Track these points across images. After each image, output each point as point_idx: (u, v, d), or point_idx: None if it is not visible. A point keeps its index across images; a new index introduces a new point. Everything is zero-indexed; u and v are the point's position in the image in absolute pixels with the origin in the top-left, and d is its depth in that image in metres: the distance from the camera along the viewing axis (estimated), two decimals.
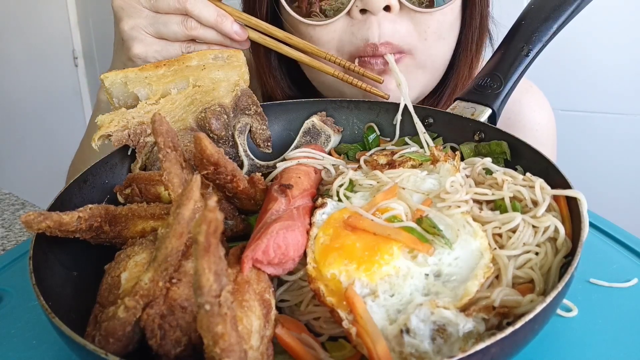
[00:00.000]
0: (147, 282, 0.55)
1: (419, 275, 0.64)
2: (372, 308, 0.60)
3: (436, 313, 0.57)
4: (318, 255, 0.67)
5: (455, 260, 0.65)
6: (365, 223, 0.68)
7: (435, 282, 0.63)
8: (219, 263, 0.45)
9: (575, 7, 1.01)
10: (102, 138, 0.85)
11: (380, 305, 0.61)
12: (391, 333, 0.58)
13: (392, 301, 0.62)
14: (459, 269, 0.64)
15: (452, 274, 0.64)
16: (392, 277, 0.63)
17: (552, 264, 0.64)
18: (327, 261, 0.65)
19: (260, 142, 0.97)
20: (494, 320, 0.58)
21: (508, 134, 0.85)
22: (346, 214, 0.71)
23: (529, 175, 0.75)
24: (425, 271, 0.64)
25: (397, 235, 0.65)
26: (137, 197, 0.79)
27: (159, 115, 0.71)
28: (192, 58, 0.95)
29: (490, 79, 0.97)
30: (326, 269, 0.64)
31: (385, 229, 0.66)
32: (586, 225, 0.64)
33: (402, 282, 0.63)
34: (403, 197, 0.73)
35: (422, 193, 0.74)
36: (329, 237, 0.68)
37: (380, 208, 0.70)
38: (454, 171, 0.77)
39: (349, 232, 0.67)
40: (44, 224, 0.65)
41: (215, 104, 0.91)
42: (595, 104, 2.05)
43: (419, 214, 0.69)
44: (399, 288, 0.62)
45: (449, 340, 0.57)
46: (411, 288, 0.63)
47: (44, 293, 0.59)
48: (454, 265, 0.65)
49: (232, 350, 0.46)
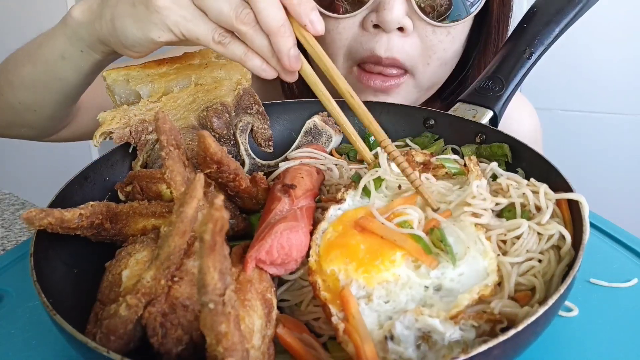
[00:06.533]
0: (149, 280, 0.55)
1: (418, 286, 0.63)
2: (365, 311, 0.61)
3: (420, 320, 0.57)
4: (322, 249, 0.67)
5: (459, 277, 0.63)
6: (374, 225, 0.67)
7: (433, 296, 0.62)
8: (223, 262, 0.45)
9: (578, 10, 1.01)
10: (104, 135, 0.85)
11: (373, 309, 0.61)
12: (376, 338, 0.58)
13: (385, 307, 0.61)
14: (461, 285, 0.63)
15: (452, 290, 0.62)
16: (390, 284, 0.62)
17: (554, 272, 0.64)
18: (329, 257, 0.65)
19: (261, 142, 0.97)
20: (485, 326, 0.58)
21: (509, 136, 0.85)
22: (360, 213, 0.70)
23: (533, 180, 0.75)
24: (426, 283, 0.63)
25: (403, 243, 0.64)
26: (138, 195, 0.79)
27: (162, 113, 0.71)
28: (195, 57, 0.95)
29: (492, 81, 0.97)
30: (327, 264, 0.64)
31: (393, 234, 0.65)
32: (587, 228, 0.64)
33: (399, 291, 0.62)
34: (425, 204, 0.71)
35: (445, 202, 0.72)
36: (336, 233, 0.68)
37: (396, 212, 0.69)
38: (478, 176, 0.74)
39: (357, 232, 0.67)
40: (45, 220, 0.65)
41: (217, 103, 0.91)
42: (595, 104, 2.05)
43: (431, 224, 0.67)
44: (395, 296, 0.62)
45: (434, 347, 0.57)
46: (407, 297, 0.62)
47: (45, 290, 0.59)
48: (457, 282, 0.63)
49: (234, 349, 0.46)
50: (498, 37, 1.18)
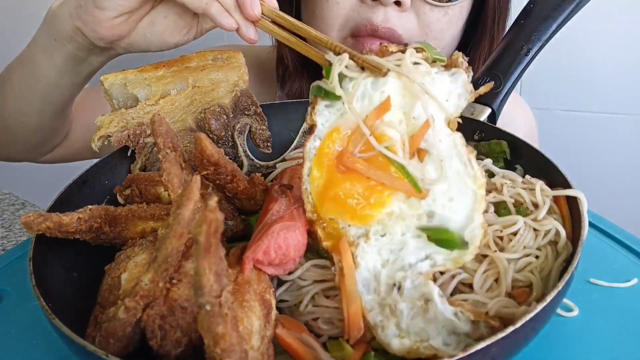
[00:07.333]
0: (148, 282, 0.55)
1: (410, 217, 0.64)
2: (364, 249, 0.64)
3: (428, 286, 0.60)
4: (315, 199, 0.67)
5: (450, 203, 0.64)
6: (359, 166, 0.65)
7: (428, 224, 0.64)
8: (219, 263, 0.45)
9: (575, 6, 1.01)
10: (102, 139, 0.85)
11: (371, 245, 0.64)
12: (384, 280, 0.63)
13: (383, 241, 0.64)
14: (452, 212, 0.64)
15: (444, 217, 0.63)
16: (385, 219, 0.64)
17: (552, 268, 0.64)
18: (323, 208, 0.67)
19: (260, 143, 0.97)
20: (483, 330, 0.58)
21: (508, 133, 0.85)
22: (335, 143, 0.67)
23: (528, 177, 0.74)
24: (418, 212, 0.64)
25: (392, 184, 0.64)
26: (137, 198, 0.79)
27: (159, 116, 0.71)
28: (192, 59, 0.95)
29: (489, 78, 0.97)
30: (324, 213, 0.67)
31: (380, 176, 0.64)
32: (586, 224, 0.64)
33: (393, 224, 0.64)
34: (414, 94, 0.65)
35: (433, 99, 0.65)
36: (322, 180, 0.67)
37: (376, 133, 0.65)
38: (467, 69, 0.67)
39: (342, 175, 0.66)
40: (43, 225, 0.65)
41: (215, 105, 0.91)
42: (595, 104, 2.04)
43: (416, 145, 0.64)
44: (391, 229, 0.64)
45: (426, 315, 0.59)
46: (402, 229, 0.64)
47: (44, 294, 0.59)
48: (448, 208, 0.64)
49: (232, 350, 0.46)
50: (494, 28, 1.18)
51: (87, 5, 0.88)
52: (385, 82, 0.66)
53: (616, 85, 2.00)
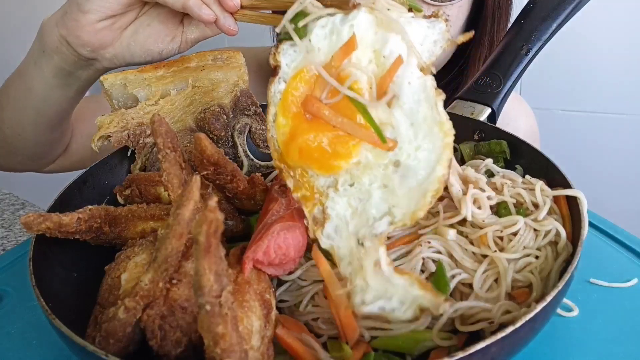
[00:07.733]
0: (147, 282, 0.55)
1: (377, 167, 0.63)
2: (334, 199, 0.64)
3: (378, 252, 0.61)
4: (282, 147, 0.65)
5: (416, 152, 0.61)
6: (325, 114, 0.62)
7: (393, 175, 0.62)
8: (219, 263, 0.45)
9: (574, 6, 1.01)
10: (102, 139, 0.85)
11: (341, 195, 0.64)
12: (353, 232, 0.63)
13: (351, 191, 0.64)
14: (417, 162, 0.61)
15: (410, 167, 0.62)
16: (352, 169, 0.64)
17: (552, 268, 0.64)
18: (290, 158, 0.65)
19: (260, 143, 0.97)
20: None
21: (508, 133, 0.86)
22: (302, 86, 0.63)
23: (528, 177, 0.74)
24: (384, 162, 0.63)
25: (356, 133, 0.62)
26: (137, 198, 0.79)
27: (158, 116, 0.71)
28: (192, 59, 0.95)
29: (489, 78, 0.97)
30: (291, 164, 0.65)
31: (345, 124, 0.61)
32: (586, 224, 0.64)
33: (361, 174, 0.64)
34: (387, 28, 0.61)
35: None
36: (288, 128, 0.64)
37: (342, 75, 0.61)
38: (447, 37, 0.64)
39: (308, 123, 0.63)
40: (43, 225, 0.65)
41: (215, 105, 0.91)
42: (595, 104, 2.04)
43: (385, 86, 0.61)
44: (358, 179, 0.64)
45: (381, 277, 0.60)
46: (369, 178, 0.64)
47: (44, 294, 0.59)
48: (414, 158, 0.61)
49: (232, 350, 0.46)
50: (494, 28, 1.18)
51: (71, 10, 0.89)
52: (356, 16, 0.62)
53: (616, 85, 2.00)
